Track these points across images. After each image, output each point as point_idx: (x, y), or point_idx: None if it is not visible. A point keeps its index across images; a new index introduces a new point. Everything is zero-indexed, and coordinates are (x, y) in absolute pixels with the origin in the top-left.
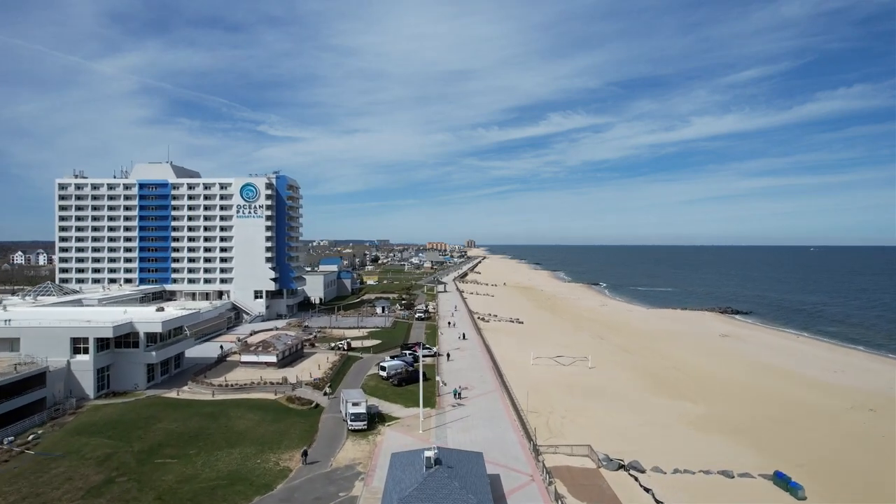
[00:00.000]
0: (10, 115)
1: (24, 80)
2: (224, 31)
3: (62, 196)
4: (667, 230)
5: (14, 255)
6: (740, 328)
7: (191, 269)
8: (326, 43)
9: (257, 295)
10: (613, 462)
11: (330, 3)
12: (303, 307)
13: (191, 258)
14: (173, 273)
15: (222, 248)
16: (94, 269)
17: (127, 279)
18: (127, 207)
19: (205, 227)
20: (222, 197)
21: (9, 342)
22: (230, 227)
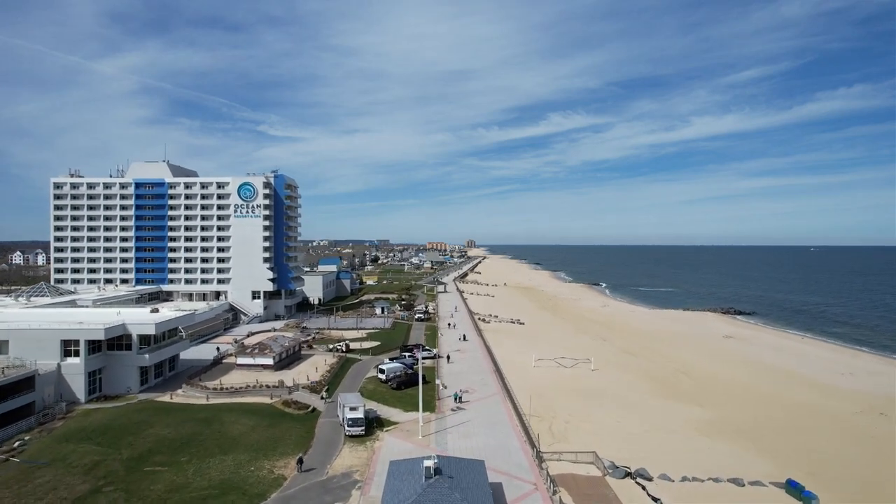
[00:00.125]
0: (10, 115)
1: (24, 80)
2: (224, 31)
3: (57, 195)
4: (667, 230)
5: (13, 255)
6: (743, 329)
7: (188, 270)
8: (326, 43)
9: (255, 295)
10: (620, 469)
11: (330, 3)
12: (301, 308)
13: (188, 258)
14: (170, 273)
15: (219, 248)
16: (90, 269)
17: (123, 279)
18: (123, 207)
19: (202, 226)
20: (219, 196)
21: None
22: (227, 226)
